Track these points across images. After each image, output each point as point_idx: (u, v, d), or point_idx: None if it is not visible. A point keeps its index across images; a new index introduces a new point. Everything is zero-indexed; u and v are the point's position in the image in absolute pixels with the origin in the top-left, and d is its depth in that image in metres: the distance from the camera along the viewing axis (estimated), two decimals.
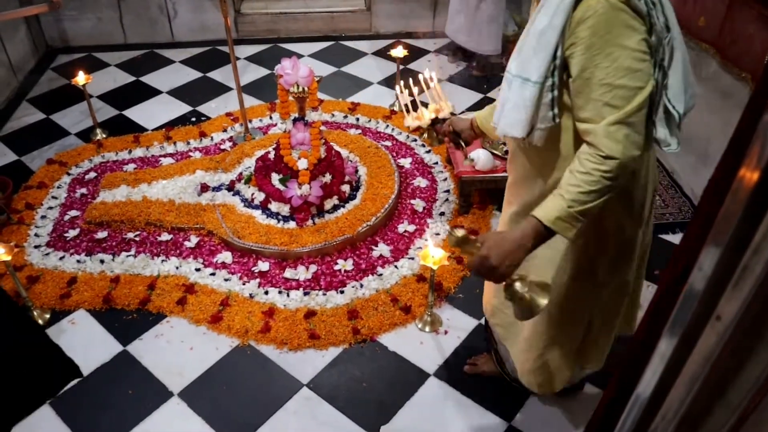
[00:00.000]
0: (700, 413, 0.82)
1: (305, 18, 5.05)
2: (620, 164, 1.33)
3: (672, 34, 1.36)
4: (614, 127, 1.32)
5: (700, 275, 0.74)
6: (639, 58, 1.30)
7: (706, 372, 0.77)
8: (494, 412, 2.26)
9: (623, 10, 1.28)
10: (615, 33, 1.29)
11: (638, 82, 1.32)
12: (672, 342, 0.82)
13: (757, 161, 0.64)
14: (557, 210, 1.38)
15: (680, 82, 1.41)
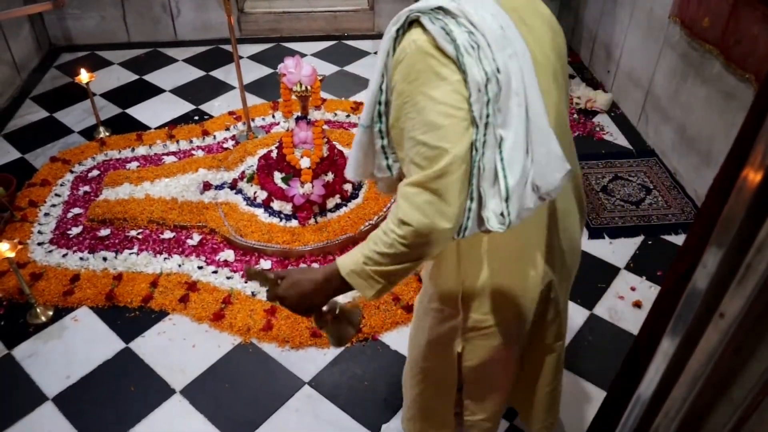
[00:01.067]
0: (703, 411, 0.82)
1: (308, 17, 5.06)
2: (416, 232, 1.09)
3: (511, 85, 1.09)
4: (414, 190, 1.08)
5: (703, 273, 0.74)
6: (444, 113, 1.06)
7: (709, 370, 0.77)
8: None
9: (431, 55, 1.08)
10: (422, 80, 1.08)
11: (442, 141, 1.07)
12: (675, 340, 0.82)
13: (760, 161, 0.65)
14: (354, 263, 1.19)
15: (520, 146, 1.11)
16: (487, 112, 1.07)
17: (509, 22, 1.13)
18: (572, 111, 4.03)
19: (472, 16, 1.08)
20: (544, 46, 1.24)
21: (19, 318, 2.63)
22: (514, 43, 1.11)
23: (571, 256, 1.48)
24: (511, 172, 1.09)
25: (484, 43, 1.07)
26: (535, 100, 1.11)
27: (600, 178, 3.44)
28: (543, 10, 1.30)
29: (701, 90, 3.12)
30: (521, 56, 1.11)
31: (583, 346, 2.52)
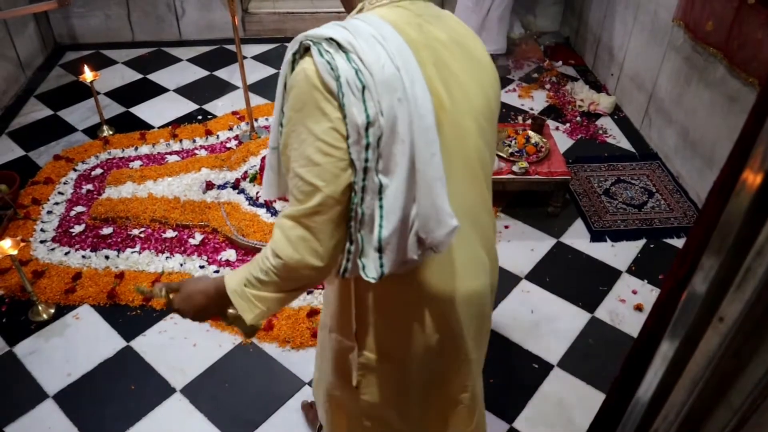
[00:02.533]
0: (702, 415, 0.82)
1: (312, 18, 5.06)
2: (286, 266, 1.07)
3: (396, 130, 1.02)
4: (289, 223, 1.06)
5: (703, 277, 0.74)
6: (322, 151, 1.02)
7: (708, 374, 0.77)
8: (496, 414, 2.26)
9: (316, 87, 1.02)
10: (306, 112, 1.03)
11: (316, 179, 1.02)
12: (674, 343, 0.82)
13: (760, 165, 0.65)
14: (237, 283, 1.15)
15: (401, 194, 1.04)
16: (366, 156, 1.02)
17: (413, 63, 1.06)
18: (575, 113, 4.03)
19: (364, 54, 1.02)
20: (469, 90, 1.18)
21: (20, 315, 2.63)
22: (412, 85, 1.04)
23: (479, 316, 1.39)
24: (387, 222, 1.04)
25: (371, 84, 1.00)
26: (423, 148, 1.04)
27: (602, 181, 3.43)
28: (479, 53, 1.24)
29: (705, 93, 3.12)
30: (415, 100, 1.03)
31: (584, 348, 2.51)
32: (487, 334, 1.55)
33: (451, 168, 1.12)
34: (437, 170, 1.05)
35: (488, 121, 1.24)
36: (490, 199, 1.35)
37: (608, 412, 1.07)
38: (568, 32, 5.04)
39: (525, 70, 4.62)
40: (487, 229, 1.33)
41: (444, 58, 1.14)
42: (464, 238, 1.23)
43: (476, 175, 1.23)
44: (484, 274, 1.34)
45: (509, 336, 2.56)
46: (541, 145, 3.18)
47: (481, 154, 1.23)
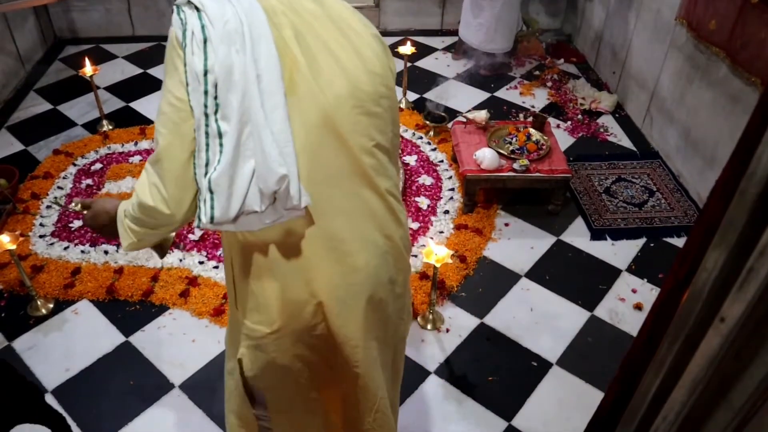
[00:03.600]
0: (702, 416, 0.82)
1: None
2: (142, 207, 1.17)
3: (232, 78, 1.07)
4: (149, 169, 1.15)
5: (704, 277, 0.73)
6: (169, 102, 1.11)
7: (709, 375, 0.77)
8: (494, 412, 2.26)
9: (173, 46, 1.12)
10: (167, 69, 1.13)
11: (162, 127, 1.12)
12: (674, 343, 0.81)
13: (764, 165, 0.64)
14: (121, 210, 1.26)
15: (232, 142, 1.08)
16: (205, 102, 1.08)
17: (261, 23, 1.11)
18: (577, 111, 4.02)
19: (211, 10, 1.09)
20: (344, 63, 1.19)
21: (19, 310, 2.63)
22: (256, 41, 1.09)
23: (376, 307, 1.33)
24: (220, 165, 1.08)
25: (214, 36, 1.08)
26: (257, 98, 1.08)
27: (603, 179, 3.43)
28: (361, 32, 1.24)
29: (707, 93, 3.11)
30: (254, 55, 1.09)
31: (583, 347, 2.51)
32: (396, 336, 1.45)
33: (308, 131, 1.16)
34: (274, 122, 1.09)
35: (373, 99, 1.23)
36: (384, 180, 1.27)
37: (607, 412, 1.07)
38: (570, 30, 5.03)
39: (527, 67, 4.61)
40: (378, 211, 1.28)
41: (313, 28, 1.18)
42: (339, 210, 1.22)
43: (349, 148, 1.20)
44: (376, 256, 1.28)
45: (508, 334, 2.56)
46: (542, 142, 3.18)
47: (357, 127, 1.21)
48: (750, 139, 0.67)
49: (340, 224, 1.23)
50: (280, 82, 1.10)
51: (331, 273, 1.23)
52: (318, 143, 1.17)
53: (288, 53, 1.14)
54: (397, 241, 1.32)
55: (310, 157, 1.16)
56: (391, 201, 1.29)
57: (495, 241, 3.03)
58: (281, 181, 1.08)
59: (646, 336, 0.92)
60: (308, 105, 1.15)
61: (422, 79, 4.41)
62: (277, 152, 1.08)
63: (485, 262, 2.91)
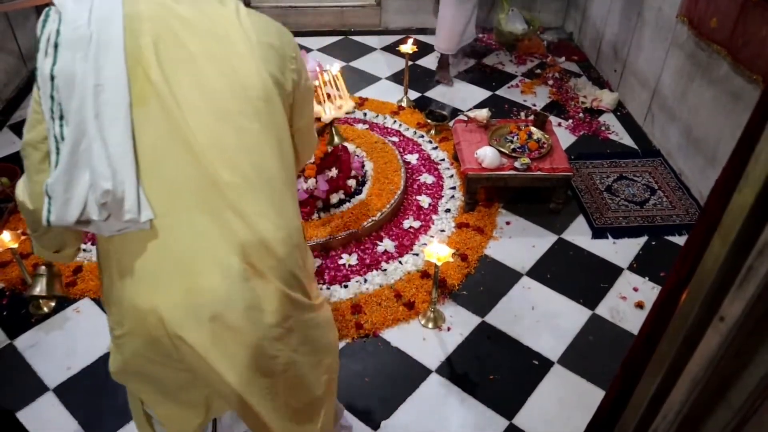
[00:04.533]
0: (701, 414, 0.82)
1: (315, 12, 5.05)
2: (16, 199, 1.25)
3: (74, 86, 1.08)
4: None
5: (704, 275, 0.73)
6: (34, 99, 1.15)
7: (709, 373, 0.77)
8: (495, 410, 2.26)
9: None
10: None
11: (24, 128, 1.19)
12: (674, 342, 0.81)
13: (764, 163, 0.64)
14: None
15: (67, 148, 1.08)
16: (51, 106, 1.09)
17: (115, 32, 1.10)
18: (578, 110, 4.02)
19: (67, 14, 1.09)
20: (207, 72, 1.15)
21: (21, 308, 2.63)
22: (104, 50, 1.08)
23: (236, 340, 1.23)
24: (55, 170, 1.09)
25: (64, 42, 1.08)
26: (91, 108, 1.07)
27: (604, 177, 3.42)
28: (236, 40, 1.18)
29: (708, 91, 3.10)
30: (98, 64, 1.08)
31: (584, 345, 2.51)
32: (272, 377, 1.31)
33: (156, 146, 1.12)
34: (112, 135, 1.08)
35: (242, 114, 1.18)
36: (252, 202, 1.19)
37: (607, 410, 1.07)
38: (572, 28, 5.02)
39: (528, 65, 4.61)
40: (240, 234, 1.18)
41: (179, 37, 1.14)
42: (189, 228, 1.16)
43: (204, 165, 1.14)
44: (228, 280, 1.18)
45: (509, 332, 2.56)
46: (544, 141, 3.17)
47: (219, 144, 1.16)
48: (750, 137, 0.67)
49: (190, 242, 1.17)
50: (125, 92, 1.09)
51: (174, 290, 1.18)
52: (166, 157, 1.13)
53: (141, 63, 1.11)
54: (263, 270, 1.21)
55: (156, 171, 1.13)
56: (259, 226, 1.20)
57: (496, 239, 3.03)
58: (105, 195, 1.07)
59: (646, 335, 0.92)
60: (157, 118, 1.12)
61: (423, 77, 4.41)
62: (104, 166, 1.07)
63: (486, 261, 2.91)
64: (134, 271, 1.18)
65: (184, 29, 1.14)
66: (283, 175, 1.25)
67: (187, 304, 1.17)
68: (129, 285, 1.19)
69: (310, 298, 1.36)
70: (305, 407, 1.43)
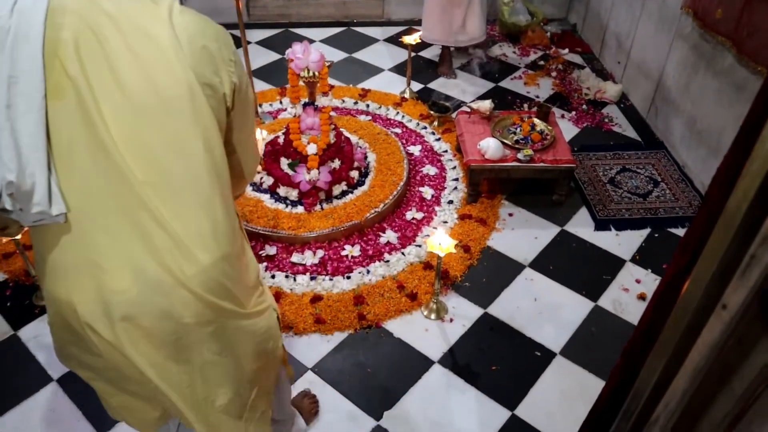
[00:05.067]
0: (704, 402, 0.82)
1: (317, 3, 5.03)
2: None
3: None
4: None
5: (706, 263, 0.73)
6: None
7: (711, 361, 0.77)
8: (497, 401, 2.27)
9: None
10: None
11: None
12: (676, 331, 0.81)
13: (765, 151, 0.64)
14: None
15: None
16: None
17: (35, 24, 1.08)
18: (581, 101, 4.00)
19: None
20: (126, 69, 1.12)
21: (24, 299, 2.64)
22: (22, 41, 1.07)
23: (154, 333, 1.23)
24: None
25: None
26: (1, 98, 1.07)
27: (607, 169, 3.42)
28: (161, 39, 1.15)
29: (712, 82, 3.09)
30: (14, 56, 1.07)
31: (587, 337, 2.51)
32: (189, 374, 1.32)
33: (70, 140, 1.11)
34: (24, 125, 1.07)
35: (163, 113, 1.15)
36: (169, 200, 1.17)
37: (609, 399, 1.07)
38: (575, 19, 5.00)
39: (531, 57, 4.59)
40: (155, 237, 1.17)
41: (102, 32, 1.11)
42: (102, 227, 1.15)
43: (117, 164, 1.12)
44: (142, 284, 1.18)
45: (512, 324, 2.56)
46: (547, 132, 3.17)
47: (136, 141, 1.14)
48: (752, 126, 0.67)
49: (103, 241, 1.16)
50: (39, 85, 1.08)
51: (86, 286, 1.18)
52: (80, 152, 1.12)
53: (59, 56, 1.09)
54: (180, 276, 1.19)
55: (70, 165, 1.12)
56: (177, 229, 1.17)
57: (499, 231, 3.03)
58: (9, 186, 1.06)
59: (647, 324, 0.92)
60: (73, 112, 1.10)
61: (426, 69, 4.40)
62: (11, 157, 1.06)
63: (489, 252, 2.91)
64: (52, 263, 1.19)
65: (108, 25, 1.12)
66: (211, 177, 1.21)
67: (99, 300, 1.18)
68: (48, 275, 1.21)
69: (244, 307, 1.35)
70: (230, 404, 1.42)
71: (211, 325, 1.28)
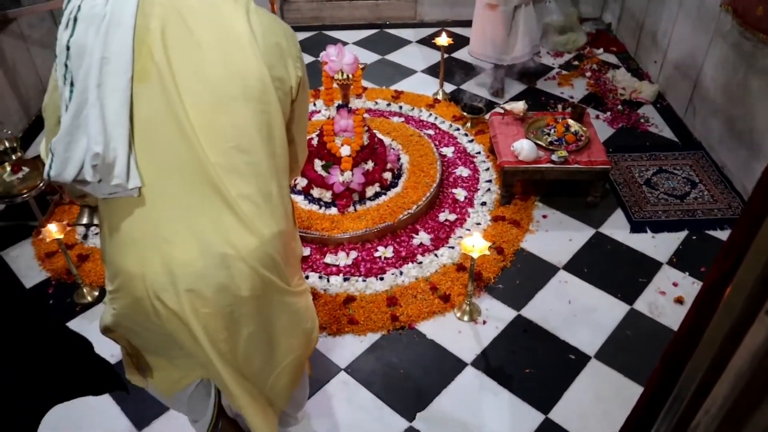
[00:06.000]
0: (746, 409, 0.80)
1: (350, 6, 5.06)
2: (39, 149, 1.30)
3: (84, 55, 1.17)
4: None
5: (749, 269, 0.72)
6: (54, 68, 1.23)
7: (753, 368, 0.76)
8: (531, 404, 2.26)
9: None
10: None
11: (49, 86, 1.28)
12: (718, 337, 0.80)
13: None
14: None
15: (71, 112, 1.18)
16: (64, 72, 1.18)
17: (128, 11, 1.18)
18: (617, 102, 3.95)
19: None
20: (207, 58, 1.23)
21: (66, 297, 2.71)
22: (115, 27, 1.17)
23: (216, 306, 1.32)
24: (60, 132, 1.18)
25: (82, 17, 1.18)
26: (96, 77, 1.16)
27: (643, 170, 3.37)
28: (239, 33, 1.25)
29: (753, 81, 3.03)
30: (108, 38, 1.16)
31: (622, 340, 2.48)
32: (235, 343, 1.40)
33: (150, 119, 1.21)
34: (110, 103, 1.16)
35: (235, 100, 1.25)
36: (240, 183, 1.26)
37: (647, 405, 1.06)
38: (610, 18, 4.94)
39: (565, 57, 4.55)
40: (222, 214, 1.26)
41: (186, 23, 1.22)
42: (174, 202, 1.25)
43: (192, 144, 1.22)
44: (206, 258, 1.26)
45: (545, 326, 2.55)
46: (581, 133, 3.13)
47: (211, 125, 1.23)
48: None
49: (173, 215, 1.25)
50: (128, 67, 1.18)
51: (155, 258, 1.26)
52: (158, 132, 1.21)
53: (147, 42, 1.19)
54: (241, 250, 1.28)
55: (148, 143, 1.21)
56: (242, 207, 1.27)
57: (533, 233, 3.01)
58: (96, 158, 1.16)
59: (687, 329, 0.91)
60: (156, 94, 1.20)
61: (459, 70, 4.38)
62: (98, 131, 1.16)
63: (523, 254, 2.89)
64: (121, 235, 1.28)
65: (191, 17, 1.22)
66: (271, 162, 1.32)
67: (166, 272, 1.26)
68: (116, 247, 1.30)
69: (289, 284, 1.45)
70: (263, 368, 1.51)
71: (261, 299, 1.38)
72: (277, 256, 1.36)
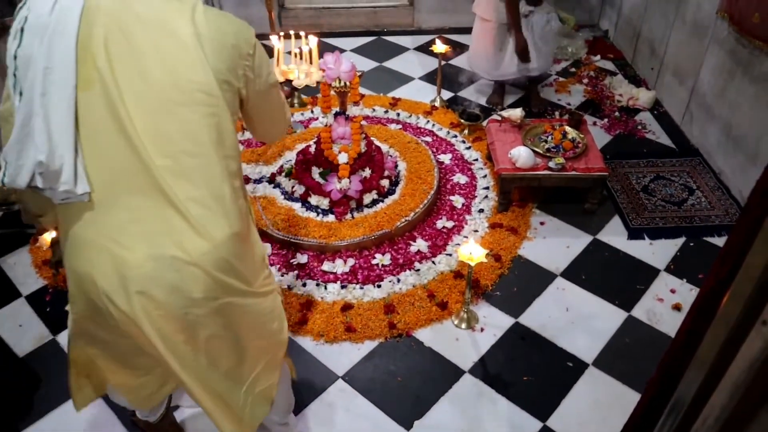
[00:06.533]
0: (743, 419, 0.80)
1: (348, 13, 5.07)
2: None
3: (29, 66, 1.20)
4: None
5: (746, 277, 0.72)
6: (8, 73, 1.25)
7: (751, 377, 0.75)
8: (529, 412, 2.25)
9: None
10: None
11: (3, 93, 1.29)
12: (715, 345, 0.80)
13: None
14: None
15: (18, 120, 1.21)
16: (13, 83, 1.22)
17: (72, 21, 1.20)
18: (614, 109, 3.96)
19: (34, 4, 1.22)
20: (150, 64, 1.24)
21: (64, 304, 2.69)
22: (59, 36, 1.19)
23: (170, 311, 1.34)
24: (10, 140, 1.21)
25: (28, 27, 1.21)
26: (39, 86, 1.19)
27: (641, 177, 3.37)
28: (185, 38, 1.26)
29: (750, 88, 3.03)
30: (51, 48, 1.18)
31: (620, 347, 2.48)
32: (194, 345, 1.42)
33: (96, 127, 1.23)
34: (55, 113, 1.19)
35: (183, 105, 1.26)
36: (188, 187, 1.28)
37: (644, 413, 1.05)
38: (607, 26, 4.95)
39: (562, 64, 4.56)
40: (171, 218, 1.28)
41: (130, 31, 1.23)
42: (124, 206, 1.27)
43: (137, 149, 1.23)
44: (157, 260, 1.28)
45: (543, 333, 2.54)
46: (578, 140, 3.14)
47: (157, 129, 1.25)
48: None
49: (124, 218, 1.28)
50: (71, 76, 1.20)
51: (105, 260, 1.29)
52: (104, 138, 1.24)
53: (90, 50, 1.21)
54: (192, 254, 1.30)
55: (95, 149, 1.24)
56: (191, 210, 1.28)
57: (530, 240, 3.00)
58: (40, 166, 1.19)
59: (684, 336, 0.91)
60: (98, 101, 1.22)
61: (456, 77, 4.39)
62: (43, 140, 1.19)
63: (520, 261, 2.89)
64: (74, 238, 1.31)
65: (135, 23, 1.24)
66: (223, 164, 1.34)
67: (116, 274, 1.29)
68: (70, 250, 1.33)
69: (250, 285, 1.46)
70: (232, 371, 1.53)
71: (218, 300, 1.39)
72: (232, 259, 1.37)
